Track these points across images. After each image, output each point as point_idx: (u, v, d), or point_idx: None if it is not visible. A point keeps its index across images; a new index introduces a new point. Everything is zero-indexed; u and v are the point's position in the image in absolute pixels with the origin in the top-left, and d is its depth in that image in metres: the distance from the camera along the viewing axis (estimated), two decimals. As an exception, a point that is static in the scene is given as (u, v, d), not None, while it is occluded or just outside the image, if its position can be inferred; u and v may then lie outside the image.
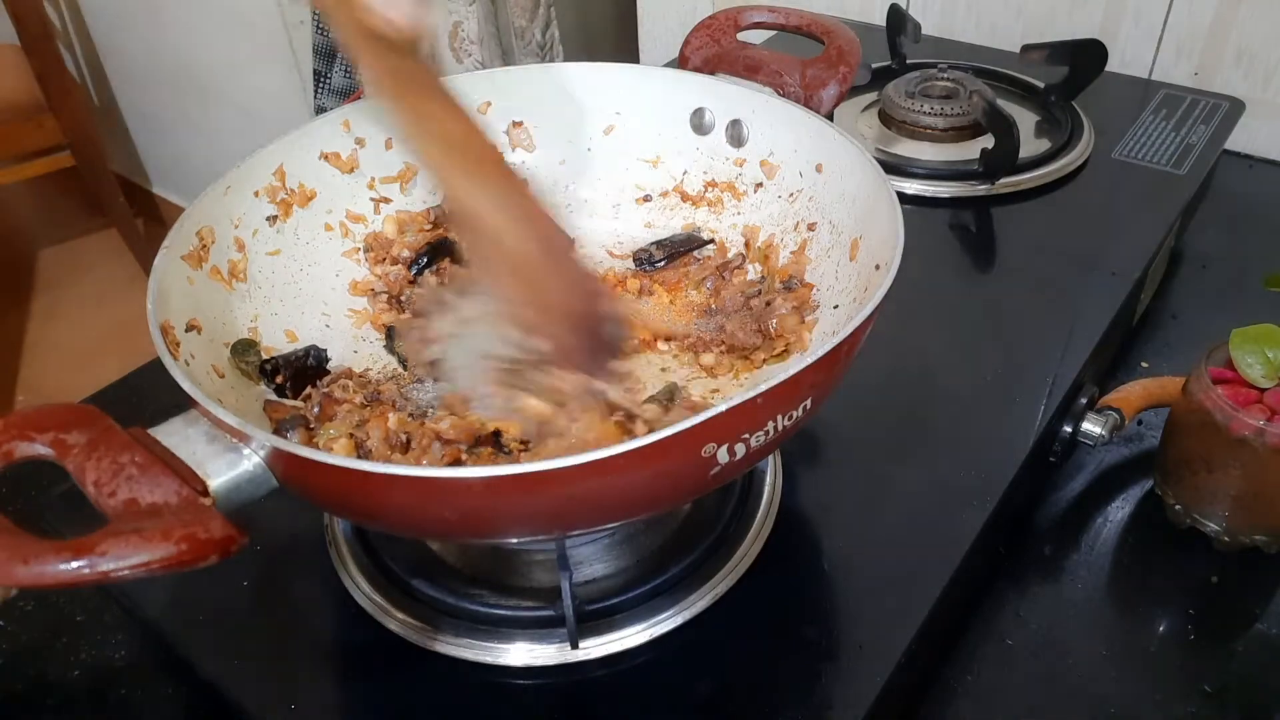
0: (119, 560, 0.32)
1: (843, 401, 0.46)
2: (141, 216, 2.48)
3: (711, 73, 0.63)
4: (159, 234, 0.49)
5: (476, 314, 0.47)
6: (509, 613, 0.50)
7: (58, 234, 2.51)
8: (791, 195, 0.60)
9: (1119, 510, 0.62)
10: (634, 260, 0.63)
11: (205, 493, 0.37)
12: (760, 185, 0.61)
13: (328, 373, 0.55)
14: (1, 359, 2.10)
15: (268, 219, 0.57)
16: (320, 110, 1.62)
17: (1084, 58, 0.87)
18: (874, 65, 0.97)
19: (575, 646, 0.47)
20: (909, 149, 0.86)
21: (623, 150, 0.65)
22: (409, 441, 0.50)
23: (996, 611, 0.56)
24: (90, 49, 2.36)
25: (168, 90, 2.23)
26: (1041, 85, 0.91)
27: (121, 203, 2.29)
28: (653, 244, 0.63)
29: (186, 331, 0.48)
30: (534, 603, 0.50)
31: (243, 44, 1.93)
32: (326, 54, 1.58)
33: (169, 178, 2.54)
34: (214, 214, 0.53)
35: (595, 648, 0.48)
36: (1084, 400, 0.63)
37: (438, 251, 0.61)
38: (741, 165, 0.62)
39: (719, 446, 0.38)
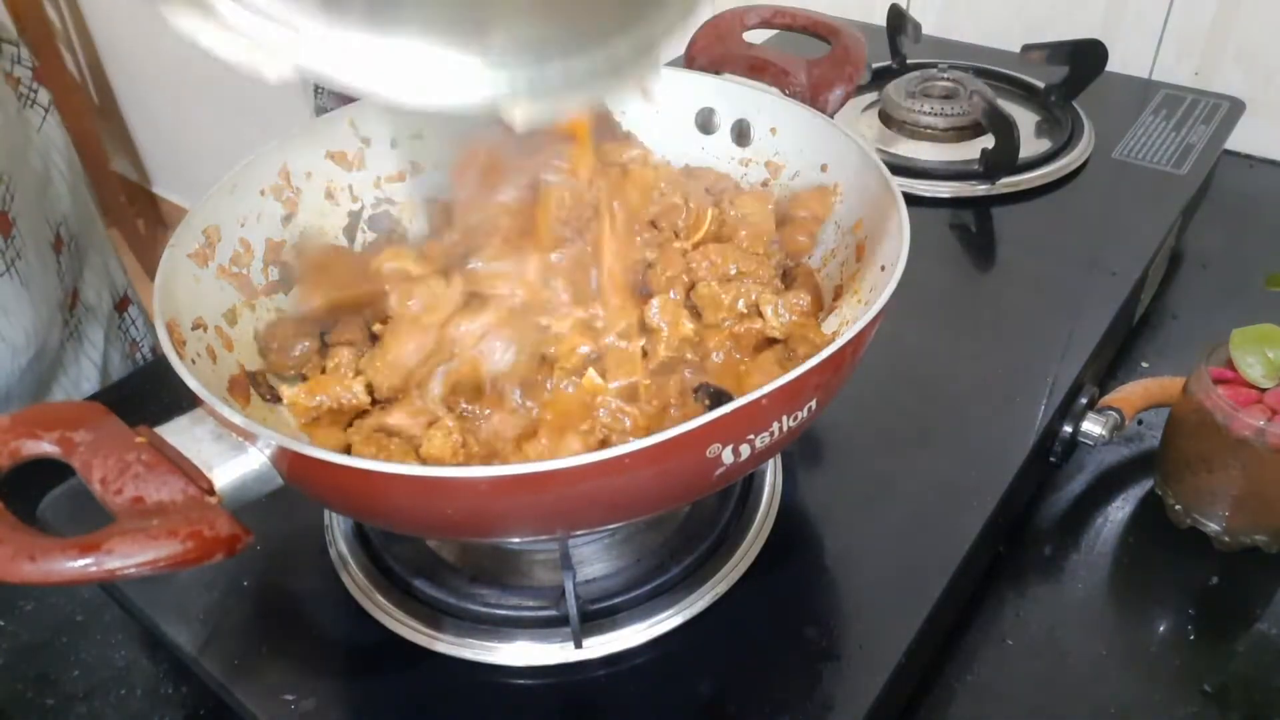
0: (126, 558, 0.32)
1: (843, 401, 0.46)
2: (141, 216, 2.48)
3: (717, 72, 0.63)
4: (159, 234, 0.49)
5: None
6: (510, 612, 0.50)
7: (57, 233, 2.51)
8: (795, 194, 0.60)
9: (1119, 510, 0.62)
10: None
11: (211, 491, 0.37)
12: (765, 184, 0.61)
13: None
14: (1, 358, 2.09)
15: (279, 219, 0.57)
16: (321, 110, 1.61)
17: (1084, 58, 0.87)
18: (874, 65, 0.97)
19: (580, 646, 0.48)
20: (909, 149, 0.86)
21: (627, 149, 0.65)
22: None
23: (996, 611, 0.56)
24: (90, 49, 2.36)
25: (168, 90, 2.23)
26: (1041, 85, 0.91)
27: (121, 203, 2.29)
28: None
29: (193, 329, 0.48)
30: (535, 602, 0.50)
31: (243, 44, 1.92)
32: (326, 53, 1.58)
33: (169, 178, 2.54)
34: (220, 213, 0.53)
35: (596, 647, 0.48)
36: (1084, 400, 0.63)
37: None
38: (747, 165, 0.62)
39: (724, 447, 0.38)
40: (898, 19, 0.96)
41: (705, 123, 0.63)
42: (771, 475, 0.56)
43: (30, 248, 0.77)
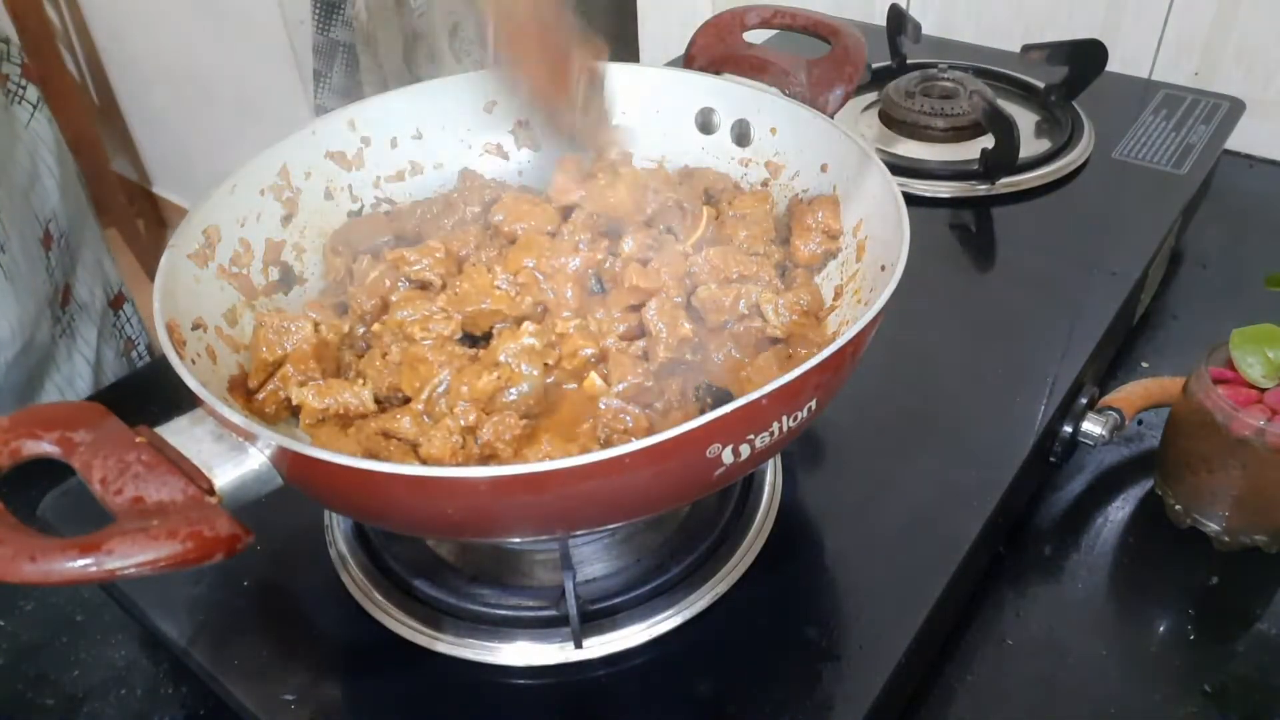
0: (126, 558, 0.32)
1: (843, 401, 0.47)
2: (141, 216, 2.48)
3: (717, 72, 0.64)
4: (159, 234, 0.49)
5: None
6: (510, 612, 0.50)
7: (57, 233, 2.50)
8: (797, 195, 0.60)
9: (1119, 510, 0.62)
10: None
11: (211, 491, 0.37)
12: (765, 184, 0.61)
13: None
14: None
15: (278, 219, 0.57)
16: (321, 110, 1.62)
17: (1084, 58, 0.87)
18: (874, 65, 0.97)
19: (579, 646, 0.48)
20: (909, 149, 0.86)
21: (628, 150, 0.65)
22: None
23: (996, 611, 0.56)
24: (90, 49, 2.36)
25: (168, 90, 2.23)
26: (1041, 85, 0.91)
27: (121, 203, 2.29)
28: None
29: (193, 330, 0.48)
30: (535, 602, 0.50)
31: (243, 44, 1.93)
32: (326, 53, 1.58)
33: (170, 178, 2.55)
34: (220, 213, 0.53)
35: (596, 647, 0.48)
36: (1084, 400, 0.63)
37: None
38: (747, 165, 0.62)
39: (724, 447, 0.38)
40: (898, 19, 0.96)
41: (705, 123, 0.63)
42: (771, 475, 0.56)
43: (16, 242, 0.77)
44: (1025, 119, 0.89)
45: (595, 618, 0.49)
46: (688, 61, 0.65)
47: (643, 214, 0.57)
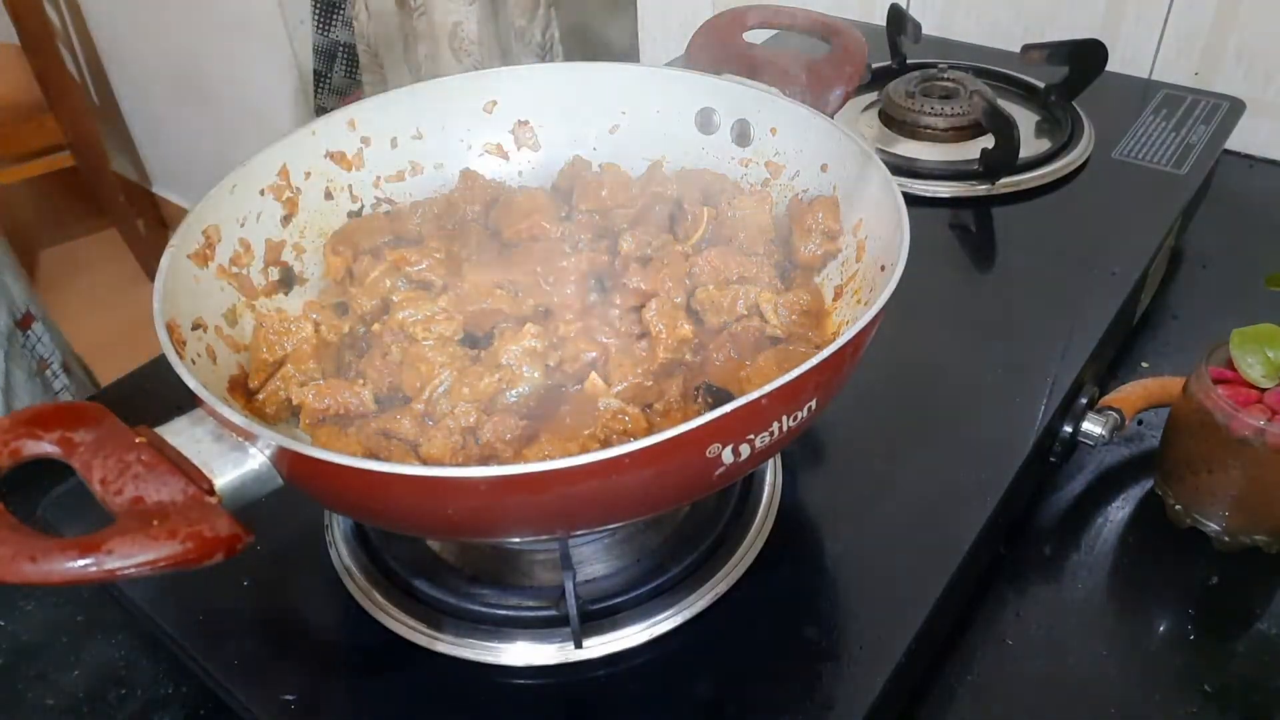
0: (126, 558, 0.32)
1: (843, 401, 0.47)
2: (141, 216, 2.48)
3: (717, 72, 0.63)
4: (159, 234, 0.49)
5: None
6: (510, 613, 0.50)
7: (58, 234, 2.51)
8: (797, 195, 0.60)
9: (1119, 510, 0.62)
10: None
11: (211, 491, 0.37)
12: (765, 185, 0.61)
13: None
14: (1, 358, 2.09)
15: (278, 219, 0.57)
16: (320, 110, 1.62)
17: (1084, 58, 0.87)
18: (874, 65, 0.97)
19: (579, 646, 0.48)
20: (909, 149, 0.86)
21: (628, 150, 0.65)
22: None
23: (996, 611, 0.56)
24: (90, 49, 2.36)
25: (168, 90, 2.23)
26: (1041, 85, 0.91)
27: (121, 203, 2.29)
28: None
29: (193, 330, 0.48)
30: (535, 602, 0.50)
31: (243, 44, 1.93)
32: (326, 54, 1.58)
33: (169, 178, 2.55)
34: (220, 213, 0.53)
35: (596, 647, 0.48)
36: (1084, 400, 0.63)
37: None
38: (747, 165, 0.62)
39: (724, 447, 0.38)
40: (898, 19, 0.96)
41: (705, 123, 0.63)
42: (771, 475, 0.56)
43: None
44: (1025, 119, 0.89)
45: (595, 618, 0.49)
46: (688, 61, 0.65)
47: (633, 207, 0.57)
